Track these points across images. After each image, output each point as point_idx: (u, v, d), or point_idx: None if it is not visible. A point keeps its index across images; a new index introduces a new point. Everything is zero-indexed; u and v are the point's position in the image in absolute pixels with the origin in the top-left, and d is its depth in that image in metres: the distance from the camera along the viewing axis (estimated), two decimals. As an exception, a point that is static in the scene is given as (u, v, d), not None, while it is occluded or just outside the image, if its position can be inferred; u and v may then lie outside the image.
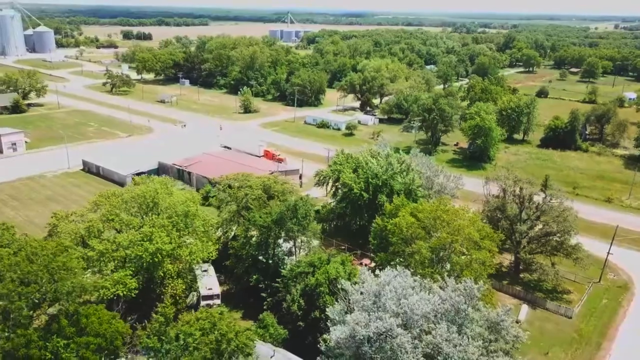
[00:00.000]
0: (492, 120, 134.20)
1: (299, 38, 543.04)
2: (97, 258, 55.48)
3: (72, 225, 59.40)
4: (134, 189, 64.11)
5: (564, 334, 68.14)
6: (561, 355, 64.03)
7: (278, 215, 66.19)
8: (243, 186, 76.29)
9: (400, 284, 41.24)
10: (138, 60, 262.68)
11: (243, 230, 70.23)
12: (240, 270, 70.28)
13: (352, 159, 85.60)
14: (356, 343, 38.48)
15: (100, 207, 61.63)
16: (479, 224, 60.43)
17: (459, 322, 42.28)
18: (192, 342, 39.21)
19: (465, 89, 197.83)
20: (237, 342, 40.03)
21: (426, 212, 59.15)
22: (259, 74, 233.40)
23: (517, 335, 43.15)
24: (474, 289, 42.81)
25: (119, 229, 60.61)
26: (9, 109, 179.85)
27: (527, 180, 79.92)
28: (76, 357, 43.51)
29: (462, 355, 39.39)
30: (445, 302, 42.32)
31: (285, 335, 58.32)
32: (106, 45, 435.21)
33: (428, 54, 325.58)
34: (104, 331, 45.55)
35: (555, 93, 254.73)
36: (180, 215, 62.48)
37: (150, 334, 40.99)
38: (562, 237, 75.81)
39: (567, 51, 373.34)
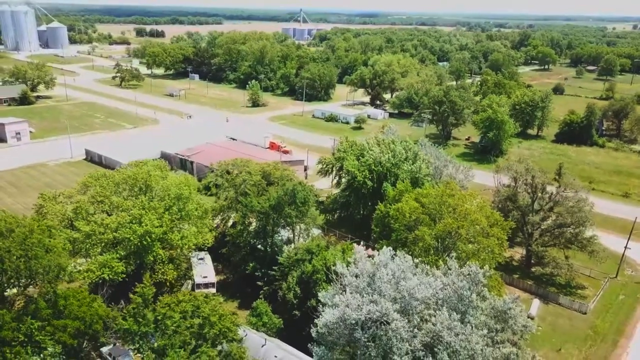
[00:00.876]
0: (505, 112, 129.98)
1: (312, 36, 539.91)
2: (82, 240, 52.95)
3: (59, 206, 56.88)
4: (126, 171, 61.44)
5: (578, 330, 64.21)
6: (575, 352, 60.18)
7: (276, 201, 63.18)
8: (242, 172, 73.43)
9: (398, 266, 37.89)
10: (148, 54, 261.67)
11: (240, 217, 67.31)
12: (236, 258, 67.48)
13: (356, 147, 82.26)
14: (348, 328, 35.22)
15: (90, 188, 59.01)
16: (488, 210, 56.76)
17: (462, 309, 38.78)
18: (171, 324, 36.26)
19: (478, 83, 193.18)
20: (220, 326, 37.00)
21: (431, 197, 55.63)
22: (269, 69, 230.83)
23: (525, 325, 39.51)
24: (479, 274, 39.28)
25: (109, 211, 57.98)
26: (17, 100, 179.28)
27: (540, 169, 76.04)
28: (52, 341, 40.74)
29: (465, 344, 35.92)
30: (448, 288, 38.87)
31: (280, 324, 55.28)
32: (119, 42, 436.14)
33: (441, 50, 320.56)
34: (82, 314, 42.76)
35: (572, 90, 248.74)
36: (172, 198, 59.70)
37: (126, 316, 38.15)
38: (576, 229, 71.77)
39: (584, 49, 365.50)
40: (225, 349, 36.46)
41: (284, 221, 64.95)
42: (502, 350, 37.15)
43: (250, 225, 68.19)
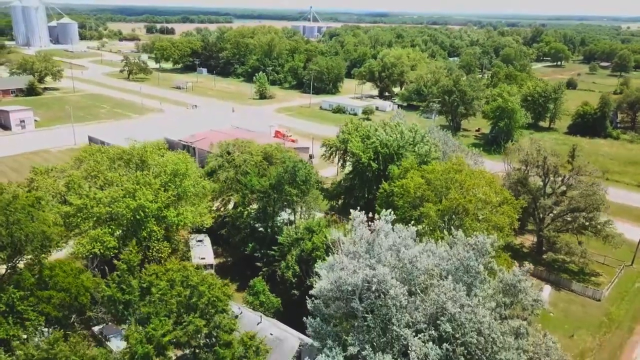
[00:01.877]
0: (516, 101, 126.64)
1: (321, 34, 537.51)
2: (74, 213, 51.01)
3: (50, 180, 55.05)
4: (122, 147, 59.57)
5: (592, 317, 61.28)
6: (588, 338, 57.31)
7: (276, 179, 60.91)
8: (243, 152, 71.25)
9: (399, 233, 35.44)
10: (156, 48, 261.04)
11: (240, 198, 65.14)
12: (236, 239, 65.36)
13: (361, 128, 79.67)
14: (344, 297, 32.78)
15: (84, 163, 57.13)
16: (497, 186, 53.99)
17: (468, 281, 36.20)
18: (157, 292, 34.08)
19: (489, 75, 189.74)
20: (209, 296, 34.73)
21: (437, 173, 53.00)
22: (277, 62, 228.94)
23: (536, 300, 36.79)
24: (487, 244, 36.67)
25: (103, 186, 56.02)
26: (24, 91, 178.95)
27: (552, 151, 73.06)
28: (35, 312, 38.74)
29: (471, 317, 33.29)
30: (453, 258, 36.30)
31: (278, 304, 53.03)
32: (129, 39, 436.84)
33: (451, 46, 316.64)
34: (68, 285, 40.75)
35: (585, 86, 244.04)
36: (169, 174, 57.64)
37: (109, 283, 36.05)
38: (590, 214, 68.72)
39: (598, 45, 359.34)
40: (214, 320, 34.17)
41: (284, 201, 62.73)
42: (510, 324, 34.52)
43: (251, 206, 66.13)
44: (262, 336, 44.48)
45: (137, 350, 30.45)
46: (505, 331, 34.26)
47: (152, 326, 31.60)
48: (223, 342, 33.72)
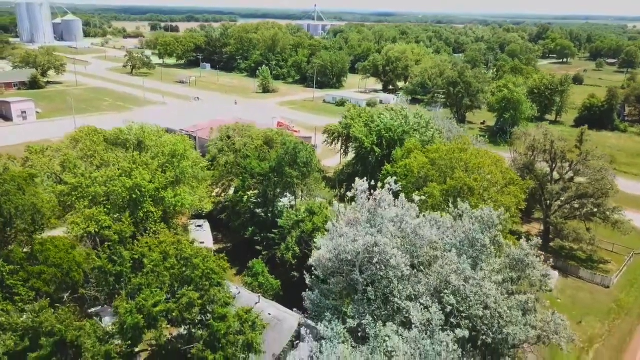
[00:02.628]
0: (522, 92, 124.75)
1: (326, 32, 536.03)
2: (68, 192, 49.80)
3: (46, 159, 53.87)
4: (119, 128, 58.41)
5: (600, 303, 59.64)
6: (597, 324, 55.69)
7: (276, 162, 59.54)
8: (243, 136, 69.98)
9: (402, 203, 34.00)
10: (160, 44, 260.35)
11: (240, 182, 63.81)
12: (236, 224, 64.04)
13: (364, 114, 78.17)
14: (343, 268, 31.34)
15: (80, 142, 55.94)
16: (504, 166, 52.41)
17: (473, 255, 34.75)
18: (149, 263, 32.74)
19: (494, 69, 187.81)
20: (204, 268, 33.39)
21: (441, 153, 51.48)
22: (280, 57, 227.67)
23: (545, 275, 35.33)
24: (493, 216, 35.21)
25: (99, 166, 54.77)
26: (27, 84, 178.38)
27: (559, 137, 71.36)
28: (25, 288, 37.43)
29: (476, 290, 31.87)
30: (457, 230, 34.85)
31: (278, 286, 51.68)
32: (133, 36, 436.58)
33: (456, 42, 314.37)
34: (60, 261, 39.41)
35: (591, 82, 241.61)
36: (167, 155, 56.37)
37: (100, 254, 34.75)
38: (598, 200, 66.99)
39: (604, 42, 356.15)
40: (209, 293, 32.80)
41: (285, 184, 61.32)
42: (518, 298, 33.03)
43: (251, 190, 64.84)
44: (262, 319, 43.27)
45: (127, 320, 29.14)
46: (512, 306, 32.84)
47: (143, 296, 30.28)
48: (218, 315, 32.34)
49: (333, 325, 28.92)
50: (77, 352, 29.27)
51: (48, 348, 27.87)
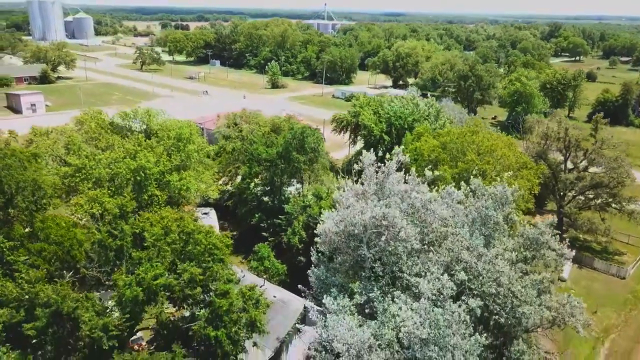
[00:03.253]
0: (534, 86, 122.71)
1: (335, 31, 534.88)
2: (72, 174, 49.04)
3: (50, 141, 53.21)
4: (124, 111, 57.72)
5: (616, 294, 57.97)
6: (613, 315, 54.09)
7: (283, 147, 58.47)
8: (250, 123, 69.03)
9: (412, 179, 32.75)
10: (170, 41, 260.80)
11: (247, 168, 62.88)
12: (242, 211, 63.12)
13: (374, 102, 76.86)
14: (350, 243, 30.12)
15: (85, 125, 55.26)
16: (516, 149, 50.93)
17: (486, 233, 33.40)
18: (150, 237, 31.76)
19: (505, 65, 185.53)
20: (206, 244, 32.35)
21: (452, 136, 50.11)
22: (290, 53, 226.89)
23: (561, 254, 33.84)
24: (507, 192, 33.83)
25: (104, 149, 54.04)
26: (37, 79, 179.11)
27: (574, 125, 69.68)
28: (25, 265, 36.57)
29: (489, 268, 30.51)
30: (470, 207, 33.52)
31: (284, 270, 50.62)
32: (143, 34, 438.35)
33: (467, 40, 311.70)
34: (61, 238, 38.46)
35: (604, 79, 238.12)
36: (172, 138, 55.52)
37: (100, 228, 33.84)
38: (614, 189, 65.24)
39: (617, 40, 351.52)
40: (211, 269, 31.75)
41: (292, 170, 60.23)
42: (532, 277, 31.63)
43: (257, 178, 63.95)
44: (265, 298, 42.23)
45: (125, 293, 28.16)
46: (527, 284, 31.42)
47: (142, 269, 29.29)
48: (220, 292, 31.28)
49: (339, 300, 27.71)
50: (74, 325, 28.34)
51: (44, 319, 26.96)
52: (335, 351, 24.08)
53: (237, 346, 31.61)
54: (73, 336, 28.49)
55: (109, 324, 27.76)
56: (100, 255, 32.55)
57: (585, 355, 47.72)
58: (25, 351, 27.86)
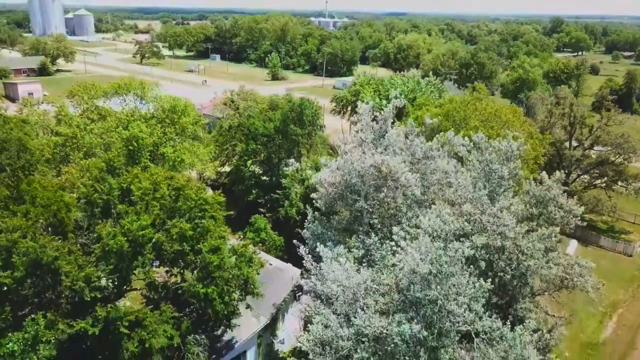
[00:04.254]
0: (537, 72, 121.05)
1: (337, 28, 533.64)
2: (62, 143, 47.66)
3: (40, 112, 51.88)
4: (117, 81, 56.31)
5: (623, 271, 56.45)
6: (620, 291, 52.61)
7: (281, 120, 56.97)
8: (247, 100, 67.58)
9: (410, 129, 31.21)
10: (170, 35, 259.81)
11: (244, 145, 61.40)
12: (239, 188, 61.69)
13: (374, 81, 75.33)
14: (347, 194, 28.58)
15: (77, 96, 53.86)
16: (522, 117, 49.36)
17: (491, 187, 31.84)
18: (137, 190, 30.21)
19: (507, 55, 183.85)
20: (196, 199, 30.77)
21: (455, 104, 48.53)
22: (290, 47, 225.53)
23: (569, 210, 32.30)
24: (512, 146, 32.29)
25: (96, 120, 52.65)
26: (36, 71, 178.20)
27: (579, 102, 68.09)
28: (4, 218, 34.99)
29: (494, 221, 28.95)
30: (473, 160, 31.97)
31: (281, 242, 49.16)
32: (144, 32, 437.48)
33: (469, 34, 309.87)
34: (47, 201, 36.86)
35: (607, 72, 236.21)
36: (166, 110, 54.14)
37: (85, 181, 32.30)
38: (621, 166, 63.74)
39: (620, 35, 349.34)
40: (202, 225, 30.20)
41: (290, 145, 58.75)
42: (540, 231, 30.06)
43: (255, 157, 62.48)
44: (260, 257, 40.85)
45: (109, 243, 26.61)
46: (534, 239, 29.84)
47: (128, 220, 27.76)
48: (210, 247, 29.71)
49: (336, 249, 26.17)
50: (55, 279, 26.81)
51: (21, 268, 25.44)
52: (330, 298, 22.57)
53: (228, 306, 30.06)
54: (54, 290, 26.96)
55: (92, 275, 26.24)
56: (86, 212, 30.96)
57: (593, 329, 46.18)
58: (3, 305, 26.40)
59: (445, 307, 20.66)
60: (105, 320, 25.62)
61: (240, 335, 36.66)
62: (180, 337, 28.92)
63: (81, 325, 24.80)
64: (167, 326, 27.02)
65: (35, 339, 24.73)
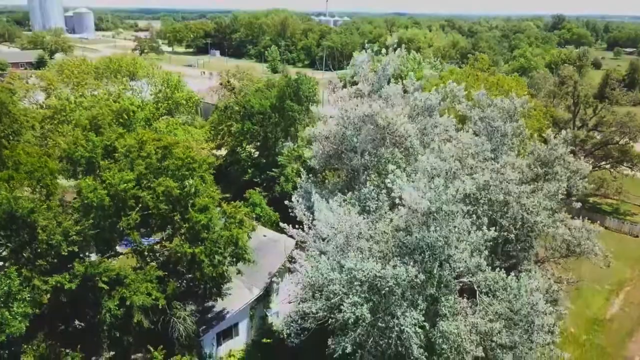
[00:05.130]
0: (539, 61, 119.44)
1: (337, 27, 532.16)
2: (51, 115, 46.20)
3: (29, 85, 50.42)
4: (108, 56, 54.91)
5: (629, 251, 54.80)
6: (627, 270, 51.01)
7: (277, 97, 55.46)
8: (243, 79, 66.09)
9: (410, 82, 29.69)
10: (169, 31, 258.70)
11: (240, 125, 59.86)
12: (235, 168, 60.18)
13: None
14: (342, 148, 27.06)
15: (65, 69, 52.44)
16: (525, 87, 47.79)
17: (493, 146, 30.30)
18: (121, 147, 28.74)
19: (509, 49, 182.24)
20: (184, 158, 29.28)
21: (457, 75, 47.01)
22: (290, 42, 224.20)
23: (576, 170, 30.75)
24: (515, 102, 30.76)
25: (86, 96, 51.16)
26: (33, 64, 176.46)
27: (585, 82, 66.53)
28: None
29: (497, 176, 27.40)
30: (474, 116, 30.42)
31: (276, 218, 47.50)
32: (144, 30, 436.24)
33: (470, 31, 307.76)
34: (31, 167, 35.37)
35: (609, 67, 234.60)
36: (159, 84, 52.69)
37: (67, 141, 30.88)
38: (626, 145, 62.17)
39: (622, 32, 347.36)
40: (190, 183, 28.68)
41: (287, 123, 57.18)
42: (546, 187, 28.53)
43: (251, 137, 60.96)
44: (256, 239, 39.65)
45: (89, 196, 25.10)
46: (539, 198, 28.29)
47: (109, 174, 26.26)
48: (198, 207, 28.21)
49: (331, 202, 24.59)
50: (32, 234, 25.32)
51: (-5, 221, 24.03)
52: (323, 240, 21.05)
53: (217, 268, 28.57)
54: (31, 246, 25.44)
55: (70, 230, 24.75)
56: (67, 170, 29.47)
57: (599, 305, 44.61)
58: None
59: (445, 252, 19.10)
60: (84, 276, 24.09)
61: (232, 306, 35.16)
62: (167, 300, 27.44)
63: (57, 279, 23.26)
64: (151, 285, 25.48)
65: (8, 295, 23.17)
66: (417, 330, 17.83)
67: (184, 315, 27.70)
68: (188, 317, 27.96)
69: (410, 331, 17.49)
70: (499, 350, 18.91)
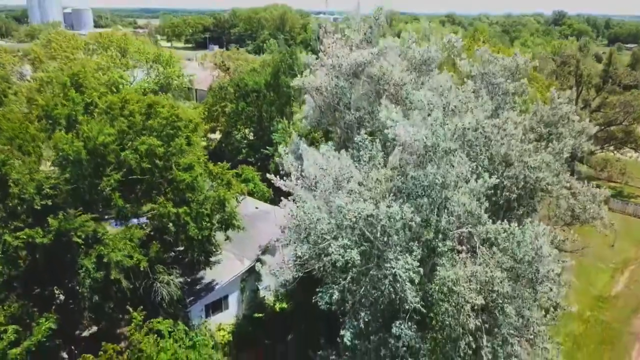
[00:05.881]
0: (540, 50, 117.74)
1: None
2: (37, 88, 44.68)
3: (16, 59, 48.99)
4: (98, 32, 53.51)
5: (634, 231, 53.44)
6: (631, 249, 49.65)
7: (272, 72, 54.03)
8: (238, 60, 64.64)
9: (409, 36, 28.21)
10: (167, 26, 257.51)
11: (234, 105, 58.47)
12: (229, 148, 58.78)
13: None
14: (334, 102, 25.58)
15: (53, 42, 51.02)
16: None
17: (494, 105, 28.79)
18: (103, 104, 27.28)
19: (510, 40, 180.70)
20: (168, 115, 27.78)
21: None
22: (289, 36, 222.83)
23: (581, 131, 29.27)
24: (518, 60, 29.28)
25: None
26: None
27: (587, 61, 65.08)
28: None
29: (497, 131, 25.91)
30: (474, 71, 28.98)
31: (270, 194, 46.07)
32: (143, 27, 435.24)
33: (470, 25, 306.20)
34: (12, 133, 33.87)
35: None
36: (150, 60, 51.26)
37: (45, 97, 29.38)
38: (630, 126, 60.74)
39: (623, 28, 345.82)
40: (175, 142, 27.20)
41: (281, 102, 55.75)
42: (551, 145, 27.06)
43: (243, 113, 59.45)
44: (248, 211, 38.48)
45: (64, 149, 23.64)
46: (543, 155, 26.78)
47: (87, 127, 24.79)
48: (183, 166, 26.75)
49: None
50: (5, 190, 23.84)
51: (-38, 172, 22.59)
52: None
53: (203, 231, 27.09)
54: (3, 202, 23.95)
55: (44, 184, 23.28)
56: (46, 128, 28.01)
57: (604, 283, 43.17)
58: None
59: (442, 194, 17.60)
60: (58, 232, 22.58)
61: (222, 278, 33.77)
62: (150, 263, 25.95)
63: (28, 233, 21.76)
64: (131, 244, 23.97)
65: (-25, 251, 21.74)
66: (411, 275, 16.37)
67: (167, 279, 26.21)
68: (172, 281, 26.46)
69: (403, 275, 16.03)
70: (500, 300, 17.44)
